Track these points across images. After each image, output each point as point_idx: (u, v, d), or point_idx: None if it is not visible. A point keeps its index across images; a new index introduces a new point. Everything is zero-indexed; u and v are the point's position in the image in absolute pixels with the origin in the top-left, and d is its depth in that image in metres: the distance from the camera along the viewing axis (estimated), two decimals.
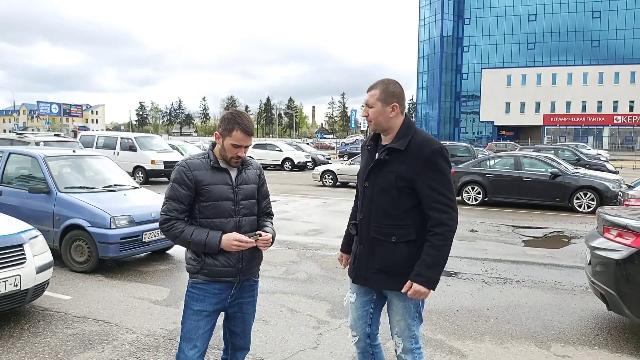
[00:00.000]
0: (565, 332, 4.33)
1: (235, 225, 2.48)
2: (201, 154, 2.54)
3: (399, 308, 2.51)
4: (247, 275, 2.58)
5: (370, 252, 2.50)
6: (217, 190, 2.45)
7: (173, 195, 2.43)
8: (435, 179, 2.33)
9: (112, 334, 4.15)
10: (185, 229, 2.42)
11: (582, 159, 21.26)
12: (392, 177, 2.38)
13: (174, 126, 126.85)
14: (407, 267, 2.39)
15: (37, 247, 4.49)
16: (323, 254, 7.17)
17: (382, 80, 2.48)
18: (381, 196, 2.43)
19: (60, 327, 4.27)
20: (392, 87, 2.44)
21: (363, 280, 2.56)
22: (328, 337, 4.15)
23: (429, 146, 2.36)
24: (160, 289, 5.45)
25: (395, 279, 2.43)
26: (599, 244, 4.25)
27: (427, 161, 2.33)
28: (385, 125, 2.46)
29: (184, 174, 2.43)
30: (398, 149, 2.39)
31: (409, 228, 2.41)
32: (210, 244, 2.40)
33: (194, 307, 2.50)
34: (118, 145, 17.98)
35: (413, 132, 2.43)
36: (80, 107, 61.75)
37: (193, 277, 2.53)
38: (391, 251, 2.42)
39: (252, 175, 2.62)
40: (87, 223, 5.90)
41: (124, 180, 7.28)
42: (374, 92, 2.43)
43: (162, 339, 4.06)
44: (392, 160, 2.40)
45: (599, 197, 11.74)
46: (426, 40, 75.96)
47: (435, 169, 2.34)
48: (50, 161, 6.53)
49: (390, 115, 2.43)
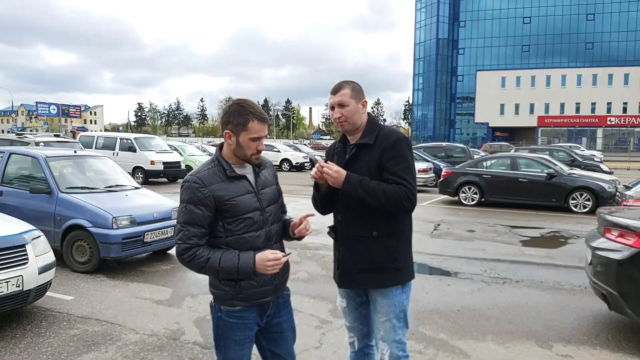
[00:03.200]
0: (567, 332, 4.37)
1: (267, 237, 2.18)
2: (209, 163, 2.17)
3: (383, 307, 2.47)
4: (282, 291, 2.31)
5: (352, 251, 2.47)
6: (243, 203, 2.11)
7: (190, 219, 2.05)
8: (399, 165, 2.35)
9: (115, 334, 4.15)
10: (211, 257, 2.05)
11: (577, 160, 21.40)
12: (364, 172, 2.37)
13: (172, 127, 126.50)
14: (391, 260, 2.41)
15: (39, 247, 4.49)
16: (323, 253, 7.19)
17: (344, 81, 2.48)
18: None
19: (63, 328, 4.27)
20: (357, 86, 2.47)
21: (348, 282, 2.53)
22: (331, 336, 4.17)
23: (394, 135, 2.42)
24: (162, 289, 5.45)
25: (379, 275, 2.43)
26: (600, 244, 4.30)
27: (392, 148, 2.36)
28: (358, 123, 2.46)
29: (198, 191, 2.05)
30: (367, 144, 2.42)
31: (389, 222, 2.41)
32: (244, 269, 2.04)
33: (235, 337, 2.18)
34: (117, 146, 17.93)
35: (379, 127, 2.47)
36: (79, 107, 61.43)
37: (227, 305, 2.17)
38: (373, 247, 2.41)
39: (270, 176, 2.31)
40: (89, 223, 5.89)
41: (125, 180, 7.28)
42: (345, 92, 2.42)
43: (165, 339, 4.07)
44: (363, 156, 2.42)
45: (595, 198, 11.82)
46: (422, 42, 76.17)
47: (398, 155, 2.36)
48: (51, 161, 6.53)
49: (362, 112, 2.46)
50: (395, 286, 2.46)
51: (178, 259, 2.11)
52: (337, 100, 2.42)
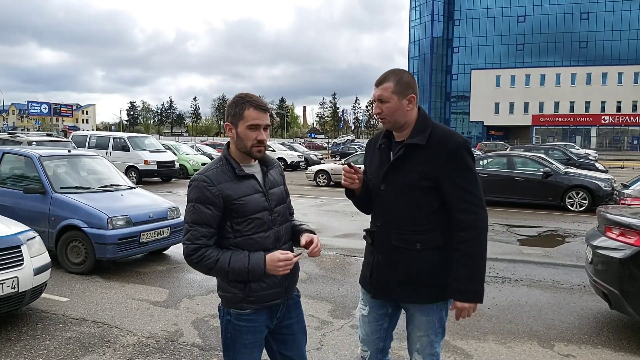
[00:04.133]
0: (568, 331, 4.35)
1: (276, 237, 2.12)
2: (217, 162, 2.11)
3: (422, 323, 2.26)
4: (292, 293, 2.24)
5: (391, 262, 2.23)
6: (252, 202, 2.05)
7: (198, 218, 1.99)
8: (462, 176, 2.10)
9: (112, 336, 4.09)
10: (220, 257, 1.99)
11: (572, 159, 21.48)
12: (414, 176, 2.12)
13: (165, 126, 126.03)
14: (435, 275, 2.17)
15: (34, 248, 4.42)
16: (321, 253, 7.14)
17: (392, 70, 2.20)
18: (402, 198, 2.17)
19: (59, 330, 4.20)
20: (407, 77, 2.17)
21: (385, 294, 2.29)
22: (331, 337, 4.13)
23: (453, 140, 2.11)
24: (159, 290, 5.39)
25: (421, 290, 2.19)
26: (600, 242, 4.27)
27: (452, 156, 2.09)
28: (402, 121, 2.18)
29: (207, 190, 1.99)
30: (418, 145, 2.13)
31: (434, 233, 2.16)
32: (254, 270, 1.98)
33: (245, 340, 2.12)
34: (110, 145, 17.81)
35: (431, 125, 2.18)
36: (71, 107, 61.14)
37: (236, 308, 2.10)
38: (416, 260, 2.17)
39: (277, 175, 2.24)
40: (84, 224, 5.82)
41: (121, 180, 7.20)
42: (388, 85, 2.14)
43: (163, 340, 4.01)
44: (412, 158, 2.14)
45: (591, 196, 11.84)
46: (416, 41, 76.23)
47: (461, 165, 2.10)
48: (45, 161, 6.44)
49: (407, 109, 2.16)
50: (437, 302, 2.23)
51: (186, 260, 2.04)
52: (377, 94, 2.17)
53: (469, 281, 2.09)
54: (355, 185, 2.27)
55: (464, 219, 2.10)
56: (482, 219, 2.12)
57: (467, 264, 2.09)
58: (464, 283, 2.09)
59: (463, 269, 2.09)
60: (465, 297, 2.10)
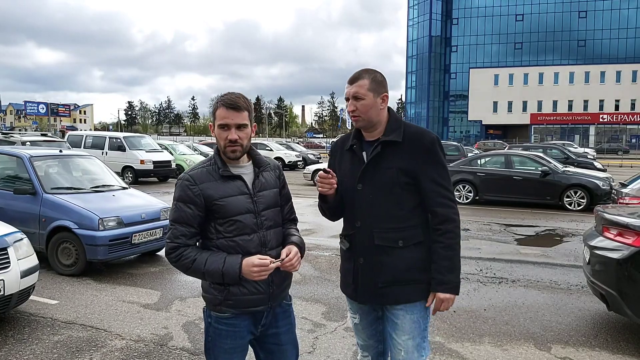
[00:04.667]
0: (565, 333, 4.27)
1: (260, 242, 2.03)
2: (205, 162, 2.09)
3: (406, 324, 2.19)
4: (278, 300, 2.13)
5: (374, 263, 2.17)
6: (233, 203, 1.99)
7: (179, 217, 1.98)
8: (437, 171, 2.13)
9: (100, 340, 4.00)
10: (197, 258, 1.95)
11: (571, 158, 21.42)
12: (393, 173, 2.12)
13: (163, 126, 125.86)
14: (419, 272, 2.15)
15: (21, 250, 4.33)
16: (316, 254, 7.06)
17: (365, 69, 2.20)
18: (382, 197, 2.15)
19: (46, 334, 4.11)
20: (380, 76, 2.19)
21: (371, 297, 2.22)
22: (324, 340, 4.05)
23: (427, 136, 2.15)
24: (150, 292, 5.30)
25: (408, 288, 2.16)
26: (598, 243, 4.20)
27: (428, 152, 2.12)
28: (375, 119, 2.17)
29: (188, 189, 1.98)
30: (394, 141, 2.13)
31: (416, 229, 2.16)
32: (229, 273, 1.92)
33: (224, 345, 2.06)
34: (106, 145, 17.69)
35: (403, 123, 2.20)
36: (68, 107, 60.90)
37: (216, 310, 2.05)
38: (400, 257, 2.14)
39: (271, 178, 2.15)
40: (74, 225, 5.73)
41: (113, 180, 7.11)
42: (363, 82, 2.13)
43: (152, 344, 3.92)
44: (389, 155, 2.14)
45: (589, 195, 11.78)
46: (415, 40, 76.20)
47: (436, 161, 2.14)
48: (36, 161, 6.35)
49: (380, 107, 2.16)
50: (421, 300, 2.19)
51: (167, 259, 2.03)
52: (352, 91, 2.15)
53: (450, 272, 2.12)
54: (332, 190, 2.22)
55: (443, 213, 2.13)
56: (457, 212, 2.18)
57: (448, 256, 2.12)
58: (446, 274, 2.11)
59: (444, 261, 2.12)
60: (446, 288, 2.12)
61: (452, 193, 2.19)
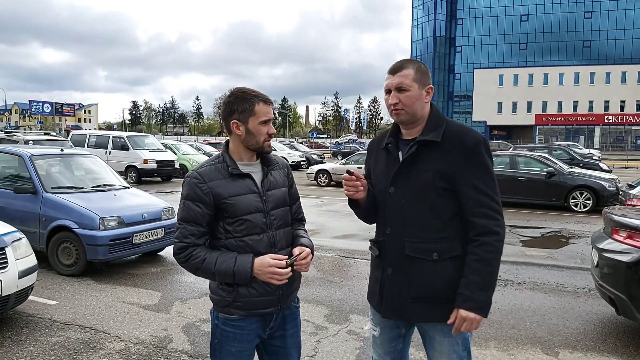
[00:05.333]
0: (572, 337, 4.18)
1: (270, 242, 1.98)
2: (214, 159, 2.04)
3: (444, 346, 1.98)
4: (288, 302, 2.06)
5: (404, 275, 1.97)
6: (243, 202, 1.94)
7: (187, 216, 1.93)
8: (480, 178, 1.88)
9: (99, 342, 3.93)
10: (207, 257, 1.90)
11: (576, 159, 21.25)
12: (428, 177, 1.90)
13: (167, 125, 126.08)
14: (454, 290, 1.90)
15: (20, 250, 4.27)
16: (319, 255, 6.99)
17: (407, 59, 2.00)
18: (415, 202, 1.93)
19: (44, 335, 4.05)
20: (424, 67, 1.98)
21: (396, 312, 2.03)
22: (326, 343, 3.97)
23: (470, 136, 1.90)
24: (151, 292, 5.24)
25: (439, 307, 1.93)
26: (607, 245, 4.11)
27: (471, 155, 1.88)
28: (419, 114, 1.96)
29: (197, 187, 1.92)
30: (432, 141, 1.91)
31: (453, 241, 1.92)
32: (240, 272, 1.88)
33: (231, 348, 2.00)
34: (110, 144, 17.69)
35: (445, 121, 1.97)
36: (73, 106, 61.12)
37: (224, 312, 1.99)
38: (433, 272, 1.92)
39: (280, 177, 2.10)
40: (75, 224, 5.67)
41: (114, 179, 7.06)
42: (408, 72, 1.91)
43: (151, 347, 3.85)
44: (426, 156, 1.92)
45: (595, 197, 11.65)
46: (419, 40, 76.04)
47: (480, 165, 1.88)
48: (36, 160, 6.30)
49: (425, 100, 1.95)
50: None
51: (175, 259, 1.97)
52: (395, 82, 1.93)
53: (480, 290, 1.85)
54: (360, 194, 2.02)
55: (483, 224, 1.88)
56: (502, 225, 1.91)
57: (481, 271, 1.86)
58: (474, 290, 1.85)
59: (475, 275, 1.86)
60: (471, 306, 1.84)
61: (496, 202, 1.91)
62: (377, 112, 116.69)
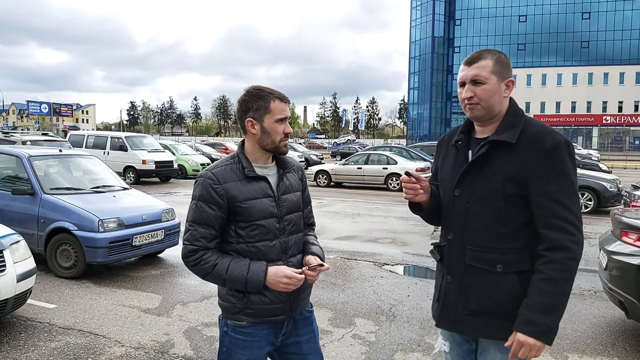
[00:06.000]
0: (581, 341, 4.11)
1: (282, 248, 1.91)
2: (228, 159, 1.95)
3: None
4: (299, 309, 2.00)
5: (463, 285, 1.83)
6: (257, 206, 1.86)
7: (199, 218, 1.85)
8: (557, 185, 1.68)
9: (99, 347, 3.85)
10: (219, 263, 1.84)
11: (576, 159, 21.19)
12: (498, 182, 1.73)
13: (165, 126, 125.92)
14: (517, 307, 1.71)
15: (18, 253, 4.18)
16: None
17: (487, 49, 1.83)
18: (482, 208, 1.78)
19: (43, 340, 3.96)
20: (505, 58, 1.80)
21: (451, 323, 1.89)
22: (331, 348, 3.90)
23: (550, 138, 1.70)
24: (151, 295, 5.16)
25: (498, 323, 1.77)
26: (616, 248, 4.04)
27: (548, 158, 1.68)
28: (497, 109, 1.78)
29: (211, 188, 1.84)
30: (506, 143, 1.73)
31: (521, 253, 1.74)
32: (253, 281, 1.82)
33: (240, 356, 1.93)
34: (108, 145, 17.57)
35: (524, 120, 1.78)
36: (71, 106, 60.97)
37: (233, 319, 1.93)
38: (495, 285, 1.76)
39: (295, 181, 2.03)
40: (74, 226, 5.58)
41: (114, 180, 6.97)
42: (485, 63, 1.75)
43: (153, 352, 3.77)
44: (497, 158, 1.75)
45: (597, 198, 11.58)
46: (417, 41, 75.99)
47: (557, 170, 1.68)
48: (35, 161, 6.21)
49: (504, 94, 1.78)
50: None
51: (183, 262, 1.89)
52: (471, 74, 1.76)
53: (542, 312, 1.64)
54: (421, 197, 1.89)
55: (554, 238, 1.67)
56: (577, 241, 1.68)
57: (546, 292, 1.65)
58: (536, 312, 1.65)
59: (539, 296, 1.66)
60: (531, 330, 1.64)
61: (573, 214, 1.68)
62: (375, 113, 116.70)
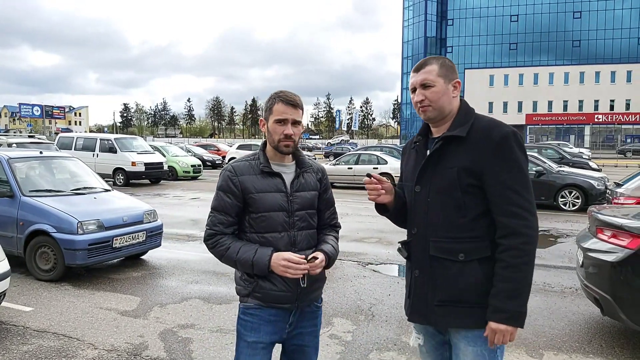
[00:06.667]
0: (557, 339, 4.11)
1: (290, 241, 2.04)
2: (250, 156, 2.14)
3: (469, 356, 1.86)
4: (307, 301, 2.10)
5: (430, 277, 1.90)
6: (267, 199, 2.03)
7: (218, 205, 2.06)
8: (509, 173, 1.77)
9: (71, 350, 3.81)
10: (232, 246, 2.03)
11: (566, 158, 21.29)
12: (453, 173, 1.82)
13: (158, 127, 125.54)
14: (482, 294, 1.80)
15: None
16: None
17: (432, 56, 1.97)
18: (441, 200, 1.86)
19: (15, 343, 3.92)
20: (449, 62, 1.93)
21: (422, 316, 1.95)
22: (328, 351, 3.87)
23: (498, 130, 1.80)
24: (130, 298, 5.12)
25: (465, 311, 1.83)
26: (592, 245, 4.05)
27: (498, 149, 1.78)
28: (447, 109, 1.90)
29: (229, 179, 2.04)
30: (458, 137, 1.84)
31: (482, 241, 1.82)
32: (259, 263, 1.97)
33: (248, 338, 2.06)
34: (97, 147, 17.47)
35: (474, 116, 1.90)
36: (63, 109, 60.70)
37: (244, 302, 2.10)
38: (459, 273, 1.83)
39: (312, 180, 2.15)
40: (53, 228, 5.54)
41: (95, 182, 6.92)
42: (432, 68, 1.88)
43: (125, 354, 3.74)
44: (451, 152, 1.85)
45: (584, 195, 11.66)
46: (410, 41, 76.17)
47: (508, 159, 1.78)
48: (14, 163, 6.15)
49: (452, 95, 1.91)
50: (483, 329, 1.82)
51: (205, 244, 2.10)
52: (419, 79, 1.89)
53: (509, 298, 1.74)
54: (384, 197, 1.98)
55: (509, 224, 1.77)
56: (532, 226, 1.77)
57: (508, 278, 1.74)
58: (503, 300, 1.74)
59: (504, 283, 1.75)
60: (501, 317, 1.73)
61: (527, 201, 1.78)
62: (369, 113, 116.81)
